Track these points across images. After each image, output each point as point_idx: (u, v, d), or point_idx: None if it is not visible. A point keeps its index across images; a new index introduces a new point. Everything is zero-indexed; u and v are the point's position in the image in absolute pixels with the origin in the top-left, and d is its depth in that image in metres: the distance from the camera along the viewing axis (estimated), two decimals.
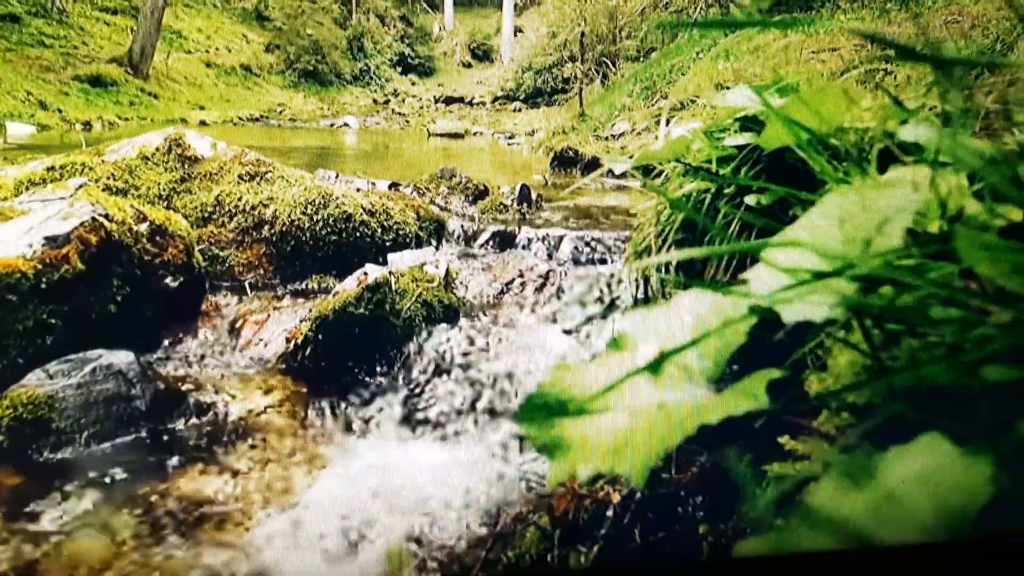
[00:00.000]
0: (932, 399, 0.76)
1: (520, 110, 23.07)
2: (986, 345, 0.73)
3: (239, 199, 3.48)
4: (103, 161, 3.41)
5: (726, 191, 1.76)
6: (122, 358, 2.15)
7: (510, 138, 14.79)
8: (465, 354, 2.51)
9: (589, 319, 2.69)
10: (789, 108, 1.27)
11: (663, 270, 2.06)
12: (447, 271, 2.93)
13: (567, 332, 2.66)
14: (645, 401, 0.85)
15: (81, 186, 2.64)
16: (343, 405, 2.36)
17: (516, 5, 33.51)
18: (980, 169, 0.81)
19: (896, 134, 1.17)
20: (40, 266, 2.20)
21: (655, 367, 0.90)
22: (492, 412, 2.28)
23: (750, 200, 1.65)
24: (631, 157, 1.82)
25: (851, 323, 0.96)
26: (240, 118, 20.16)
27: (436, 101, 29.45)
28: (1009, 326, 0.72)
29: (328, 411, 2.32)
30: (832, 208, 0.92)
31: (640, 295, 2.18)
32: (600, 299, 2.79)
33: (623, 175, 1.98)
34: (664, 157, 1.70)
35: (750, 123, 1.70)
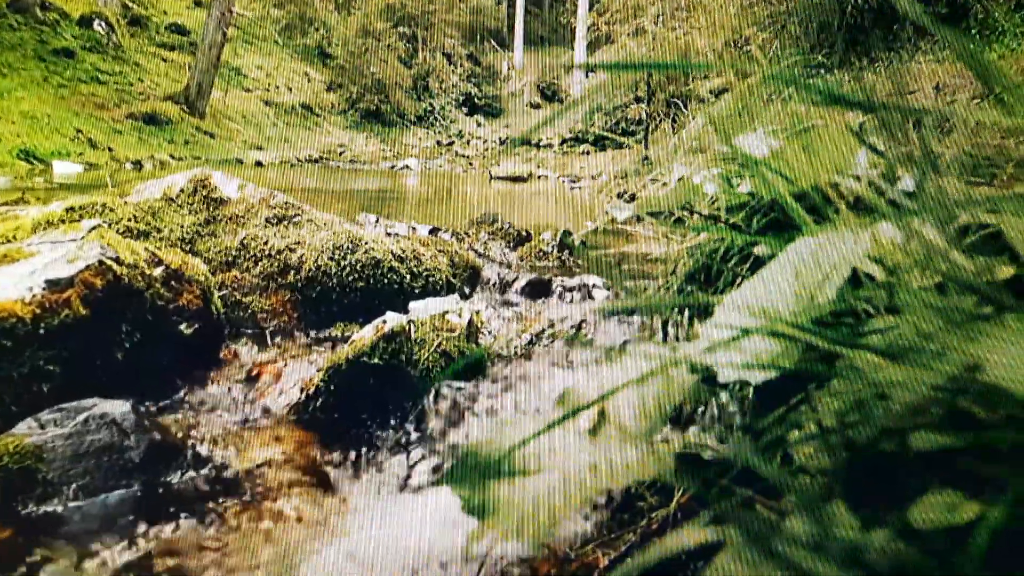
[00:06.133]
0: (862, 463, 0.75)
1: (588, 153, 23.05)
2: (917, 414, 0.72)
3: (265, 243, 3.54)
4: (125, 202, 3.50)
5: (738, 241, 1.75)
6: (118, 407, 2.19)
7: (574, 182, 14.78)
8: (479, 410, 2.50)
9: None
10: (781, 155, 1.26)
11: (679, 317, 2.05)
12: (470, 320, 2.94)
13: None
14: (579, 462, 0.85)
15: (95, 228, 2.71)
16: (351, 458, 2.37)
17: (588, 44, 33.61)
18: (905, 220, 0.81)
19: (885, 186, 1.15)
20: (38, 310, 2.26)
21: (595, 430, 0.90)
22: None
23: (758, 250, 1.64)
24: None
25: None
26: (299, 159, 20.46)
27: (502, 143, 29.61)
28: (943, 393, 0.71)
29: (334, 465, 2.33)
30: (790, 261, 0.91)
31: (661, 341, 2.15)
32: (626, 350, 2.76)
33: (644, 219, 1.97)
34: (668, 204, 1.68)
35: None
